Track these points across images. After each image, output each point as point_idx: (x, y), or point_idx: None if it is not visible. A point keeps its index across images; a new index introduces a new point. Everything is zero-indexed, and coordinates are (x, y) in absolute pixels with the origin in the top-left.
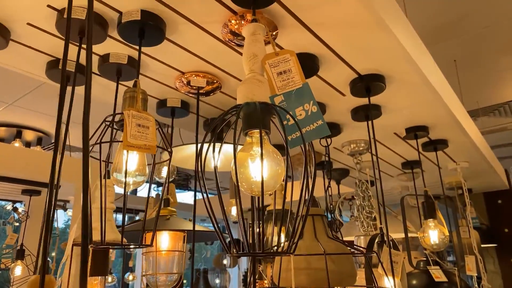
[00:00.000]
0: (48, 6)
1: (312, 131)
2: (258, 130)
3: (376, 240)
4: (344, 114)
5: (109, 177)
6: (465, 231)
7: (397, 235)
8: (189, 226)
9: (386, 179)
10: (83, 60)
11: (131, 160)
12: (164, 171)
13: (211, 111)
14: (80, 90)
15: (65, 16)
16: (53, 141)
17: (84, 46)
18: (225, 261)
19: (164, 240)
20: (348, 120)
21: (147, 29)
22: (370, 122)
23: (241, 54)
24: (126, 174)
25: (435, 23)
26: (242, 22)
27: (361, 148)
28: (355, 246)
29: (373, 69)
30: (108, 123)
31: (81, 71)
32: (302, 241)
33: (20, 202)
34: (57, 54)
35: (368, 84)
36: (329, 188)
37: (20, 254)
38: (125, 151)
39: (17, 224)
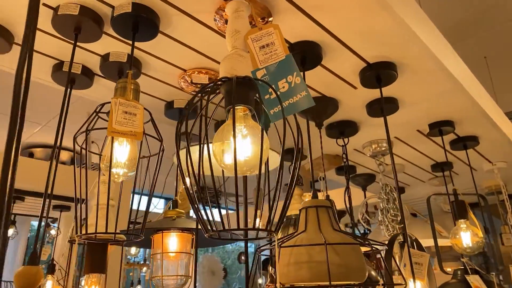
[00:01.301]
0: (44, 4)
1: (295, 102)
2: (240, 107)
3: (397, 240)
4: (359, 110)
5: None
6: (509, 239)
7: (427, 241)
8: (194, 226)
9: (416, 184)
10: (80, 59)
11: (121, 151)
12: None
13: (219, 111)
14: (83, 93)
15: (59, 13)
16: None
17: (79, 43)
18: (260, 280)
19: (172, 242)
20: (364, 116)
21: (140, 22)
22: (384, 116)
23: None
24: (111, 162)
25: (458, 19)
26: None
27: (383, 149)
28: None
29: (382, 56)
30: (96, 113)
31: (83, 73)
32: (305, 233)
33: (52, 218)
34: (61, 57)
35: (378, 72)
36: (348, 190)
37: (50, 269)
38: (115, 140)
39: (50, 241)
